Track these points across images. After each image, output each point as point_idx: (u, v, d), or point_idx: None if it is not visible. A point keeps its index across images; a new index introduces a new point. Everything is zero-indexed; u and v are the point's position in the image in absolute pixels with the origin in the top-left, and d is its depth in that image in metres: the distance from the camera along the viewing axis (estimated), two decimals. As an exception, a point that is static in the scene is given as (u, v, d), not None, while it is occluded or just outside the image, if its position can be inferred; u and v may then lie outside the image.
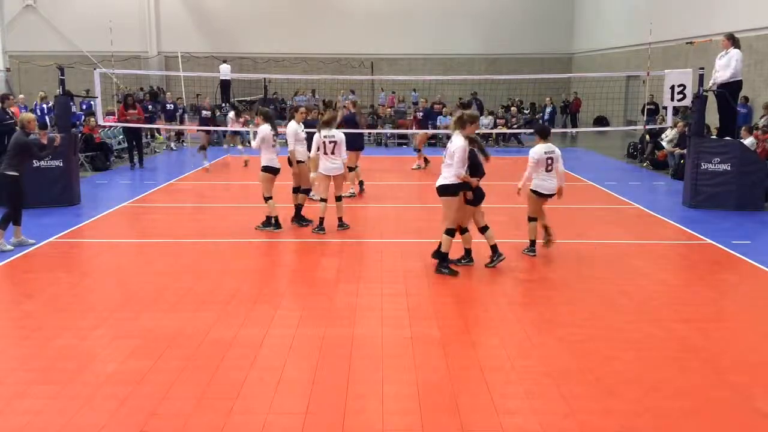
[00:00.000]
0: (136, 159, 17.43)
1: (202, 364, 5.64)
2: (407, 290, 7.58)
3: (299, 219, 10.75)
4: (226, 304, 7.05)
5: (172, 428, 4.66)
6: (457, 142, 7.88)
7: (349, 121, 13.89)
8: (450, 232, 8.09)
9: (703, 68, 12.77)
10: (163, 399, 5.04)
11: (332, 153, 10.24)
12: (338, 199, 10.51)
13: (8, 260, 8.72)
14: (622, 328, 6.61)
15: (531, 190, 9.03)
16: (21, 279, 8.15)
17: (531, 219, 9.13)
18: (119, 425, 4.69)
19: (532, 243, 9.12)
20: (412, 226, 10.95)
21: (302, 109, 11.43)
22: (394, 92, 29.59)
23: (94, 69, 15.84)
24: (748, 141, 13.74)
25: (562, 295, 7.49)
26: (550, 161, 8.92)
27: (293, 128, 10.84)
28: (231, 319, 6.65)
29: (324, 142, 10.22)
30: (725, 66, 12.17)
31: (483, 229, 8.51)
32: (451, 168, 7.91)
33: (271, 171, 10.30)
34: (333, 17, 34.01)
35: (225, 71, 27.12)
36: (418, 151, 17.69)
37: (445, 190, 8.04)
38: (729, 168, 12.03)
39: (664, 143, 17.44)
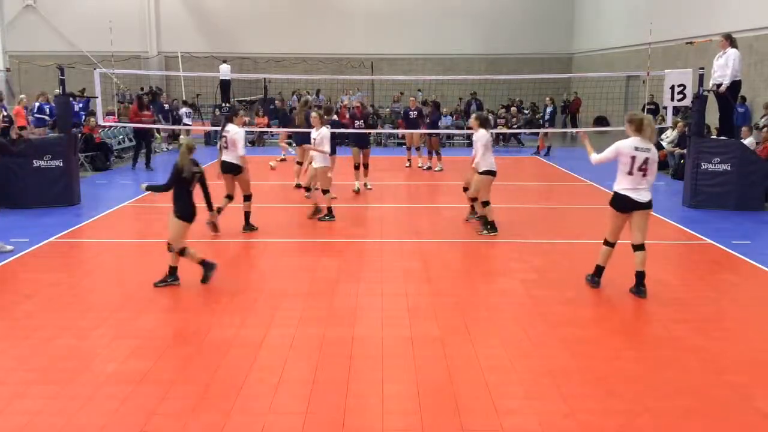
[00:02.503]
0: (141, 160, 17.22)
1: (202, 364, 5.65)
2: (407, 290, 7.58)
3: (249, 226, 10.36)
4: (226, 304, 7.05)
5: (173, 428, 4.66)
6: (655, 151, 7.25)
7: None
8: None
9: (703, 68, 12.76)
10: (163, 399, 5.04)
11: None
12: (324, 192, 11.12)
13: (8, 260, 8.72)
14: (622, 328, 6.62)
15: (486, 170, 10.08)
16: (21, 279, 8.15)
17: (480, 200, 10.39)
18: (119, 425, 4.69)
19: (476, 213, 10.72)
20: (412, 226, 10.96)
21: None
22: (402, 92, 29.51)
23: (94, 69, 15.83)
24: (748, 141, 13.74)
25: (562, 295, 7.48)
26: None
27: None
28: (231, 319, 6.65)
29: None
30: (724, 66, 12.18)
31: (182, 251, 7.62)
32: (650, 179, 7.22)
33: None
34: (333, 17, 33.99)
35: (225, 71, 27.11)
36: (421, 150, 17.70)
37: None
38: (729, 168, 12.03)
39: (664, 143, 17.44)
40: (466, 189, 11.05)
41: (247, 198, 10.34)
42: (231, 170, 10.24)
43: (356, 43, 33.65)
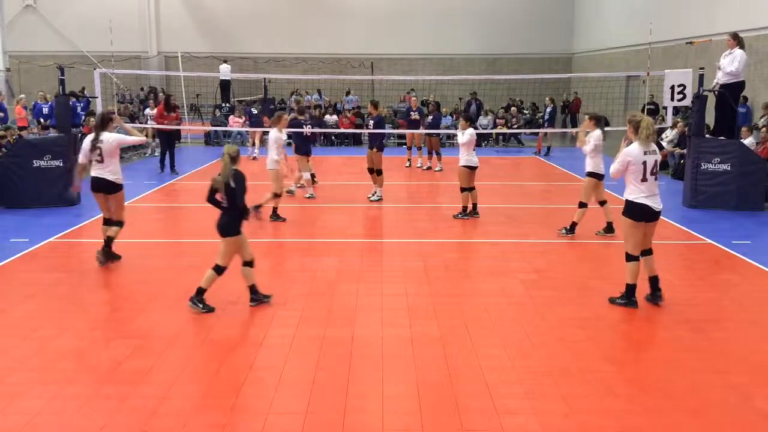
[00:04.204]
0: (167, 162, 16.63)
1: (202, 364, 5.65)
2: (407, 290, 7.58)
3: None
4: (226, 304, 7.05)
5: (173, 428, 4.66)
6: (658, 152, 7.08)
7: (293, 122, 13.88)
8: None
9: (703, 68, 12.76)
10: (163, 399, 5.04)
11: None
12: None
13: (8, 260, 8.72)
14: (622, 328, 6.62)
15: (464, 166, 10.95)
16: (21, 279, 8.15)
17: (464, 189, 11.03)
18: (119, 425, 4.69)
19: (464, 209, 11.13)
20: (412, 226, 10.96)
21: (285, 116, 11.43)
22: (407, 92, 29.52)
23: (94, 69, 15.83)
24: (748, 141, 13.73)
25: (562, 295, 7.49)
26: (475, 141, 11.26)
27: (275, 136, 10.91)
28: (231, 319, 6.65)
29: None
30: (730, 65, 12.20)
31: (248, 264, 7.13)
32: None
33: None
34: (333, 17, 33.99)
35: (225, 71, 27.11)
36: (424, 150, 17.69)
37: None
38: (729, 168, 12.02)
39: (664, 143, 17.44)
40: (462, 189, 11.07)
41: (118, 224, 8.68)
42: (106, 188, 8.54)
43: (356, 43, 33.64)
